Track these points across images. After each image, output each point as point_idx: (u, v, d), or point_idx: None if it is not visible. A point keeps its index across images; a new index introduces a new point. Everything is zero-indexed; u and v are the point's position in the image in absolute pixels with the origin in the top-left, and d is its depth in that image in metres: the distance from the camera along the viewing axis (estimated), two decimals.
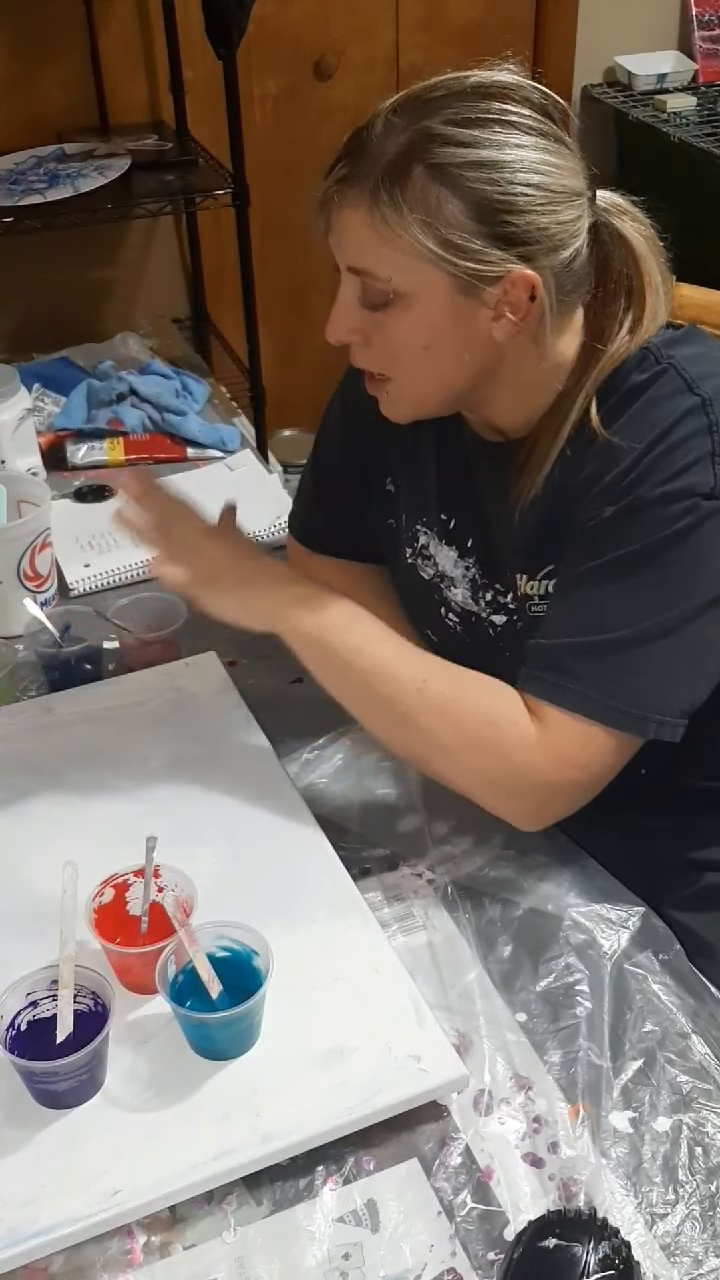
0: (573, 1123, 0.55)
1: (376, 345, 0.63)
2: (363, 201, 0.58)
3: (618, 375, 0.63)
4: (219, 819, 0.71)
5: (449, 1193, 0.53)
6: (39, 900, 0.60)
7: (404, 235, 0.57)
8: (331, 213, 0.60)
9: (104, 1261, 0.51)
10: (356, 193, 0.58)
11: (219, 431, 1.17)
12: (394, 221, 0.57)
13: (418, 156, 0.57)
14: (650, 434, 0.61)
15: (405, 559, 0.77)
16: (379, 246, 0.59)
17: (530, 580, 0.68)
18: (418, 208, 0.57)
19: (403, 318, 0.60)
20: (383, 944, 0.62)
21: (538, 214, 0.58)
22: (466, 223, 0.57)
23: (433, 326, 0.60)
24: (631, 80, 1.78)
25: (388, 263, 0.59)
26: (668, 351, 0.63)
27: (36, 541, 0.88)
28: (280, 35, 1.62)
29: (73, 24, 1.41)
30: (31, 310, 1.45)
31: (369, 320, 0.62)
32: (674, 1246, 0.51)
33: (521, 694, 0.63)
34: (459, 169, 0.57)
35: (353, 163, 0.59)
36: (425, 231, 0.57)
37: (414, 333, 0.61)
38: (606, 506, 0.61)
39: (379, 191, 0.57)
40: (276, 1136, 0.54)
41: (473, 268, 0.58)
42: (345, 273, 0.62)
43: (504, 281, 0.58)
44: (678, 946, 0.63)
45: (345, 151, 0.60)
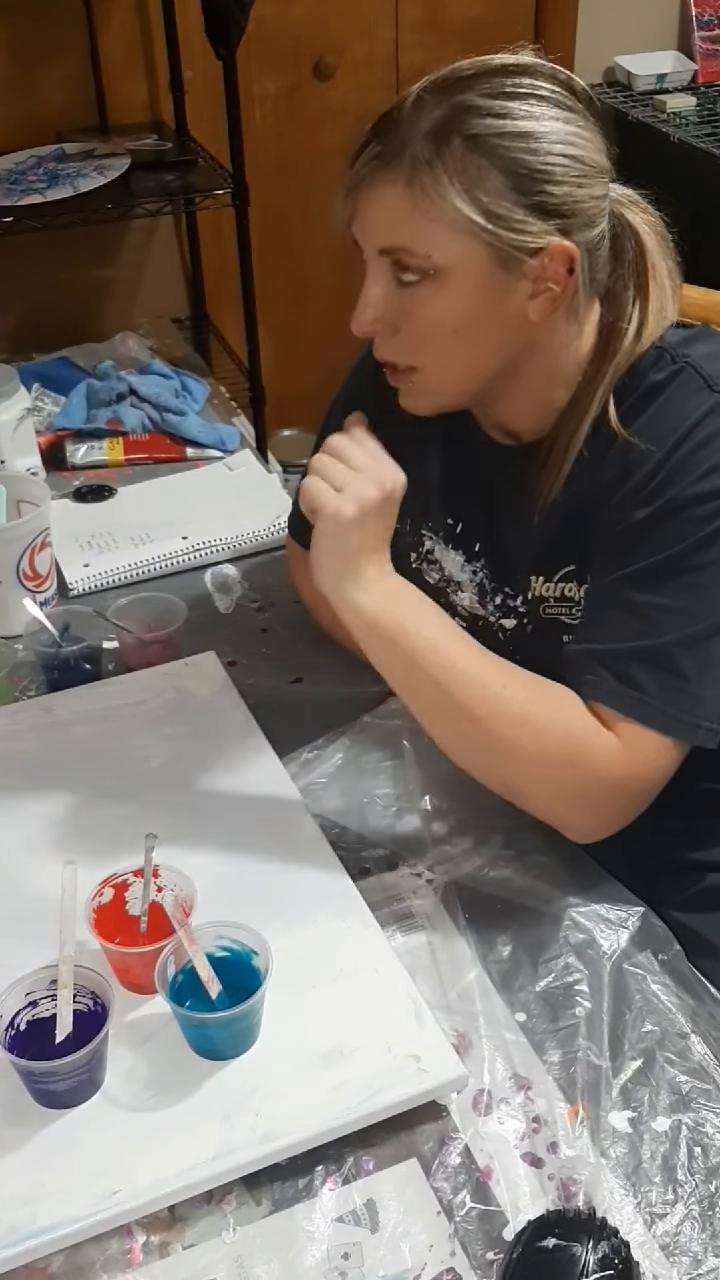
0: (572, 1123, 0.55)
1: (406, 332, 0.62)
2: (400, 176, 0.57)
3: (634, 374, 0.63)
4: (218, 819, 0.70)
5: (448, 1192, 0.53)
6: (38, 900, 0.60)
7: (445, 206, 0.57)
8: (361, 194, 0.59)
9: (103, 1261, 0.51)
10: (392, 168, 0.58)
11: (219, 431, 1.17)
12: (434, 193, 0.57)
13: (455, 128, 0.57)
14: (673, 434, 0.61)
15: (410, 564, 0.77)
16: (418, 220, 0.58)
17: (546, 582, 0.68)
18: (457, 178, 0.57)
19: (438, 296, 0.59)
20: (382, 944, 0.62)
21: (573, 185, 0.58)
22: (507, 192, 0.57)
23: (470, 305, 0.59)
24: (631, 80, 1.78)
25: (427, 237, 0.58)
26: (683, 350, 0.63)
27: (36, 541, 0.88)
28: (280, 35, 1.62)
29: (72, 24, 1.40)
30: (31, 310, 1.45)
31: (398, 307, 0.61)
32: (673, 1246, 0.51)
33: (590, 704, 0.61)
34: (497, 139, 0.57)
35: (385, 141, 0.58)
36: (467, 201, 0.57)
37: (450, 312, 0.60)
38: (636, 510, 0.61)
39: (418, 163, 0.57)
40: (276, 1136, 0.54)
41: (514, 239, 0.57)
42: (375, 258, 0.61)
43: (543, 254, 0.58)
44: (677, 947, 0.63)
45: (374, 133, 0.59)
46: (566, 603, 0.68)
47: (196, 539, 0.99)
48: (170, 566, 0.97)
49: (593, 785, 0.61)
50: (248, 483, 1.11)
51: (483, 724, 0.61)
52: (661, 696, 0.60)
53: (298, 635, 0.88)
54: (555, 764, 0.61)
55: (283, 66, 1.66)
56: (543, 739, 0.61)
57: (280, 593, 0.92)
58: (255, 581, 0.95)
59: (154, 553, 0.98)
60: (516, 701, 0.61)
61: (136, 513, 1.05)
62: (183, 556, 0.98)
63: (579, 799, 0.62)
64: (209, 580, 0.96)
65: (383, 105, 0.60)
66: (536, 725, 0.61)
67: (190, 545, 0.98)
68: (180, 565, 0.98)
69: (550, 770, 0.61)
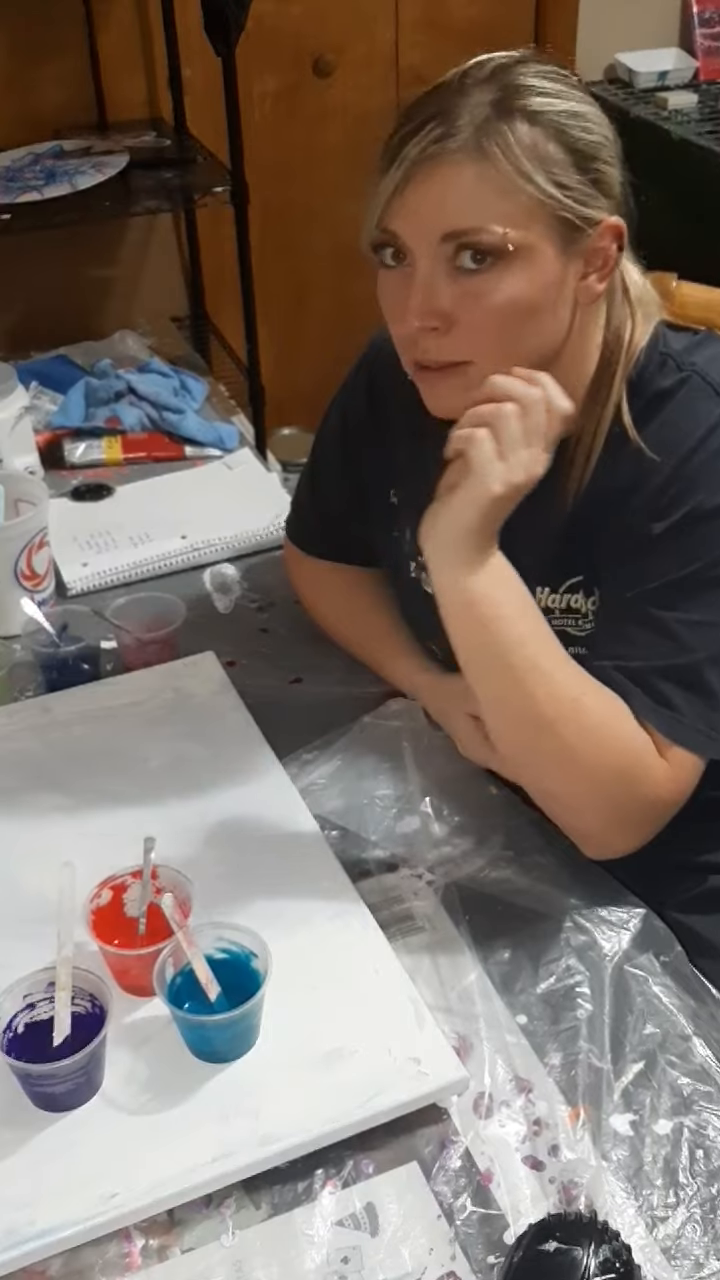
0: (573, 1125, 0.55)
1: (466, 323, 0.59)
2: (469, 154, 0.57)
3: (640, 381, 0.63)
4: (217, 820, 0.70)
5: (449, 1196, 0.53)
6: (36, 901, 0.60)
7: (520, 181, 0.57)
8: (423, 175, 0.57)
9: (102, 1265, 0.51)
10: (461, 147, 0.57)
11: (218, 430, 1.17)
12: (511, 167, 0.56)
13: (515, 105, 0.57)
14: (684, 444, 0.60)
15: (408, 572, 0.76)
16: (493, 197, 0.57)
17: (552, 594, 0.67)
18: (528, 152, 0.57)
19: (507, 278, 0.58)
20: (382, 945, 0.62)
21: (613, 165, 0.60)
22: (570, 168, 0.58)
23: (536, 286, 0.59)
24: (632, 78, 1.77)
25: (503, 214, 0.57)
26: (688, 357, 0.63)
27: (34, 540, 0.88)
28: (279, 33, 1.61)
29: (72, 21, 1.40)
30: (29, 308, 1.45)
31: (456, 298, 0.58)
32: (675, 1249, 0.51)
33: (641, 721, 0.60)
34: (556, 116, 0.58)
35: (445, 121, 0.57)
36: (540, 174, 0.57)
37: (520, 294, 0.58)
38: (653, 521, 0.60)
39: (489, 140, 0.56)
40: (275, 1139, 0.53)
41: (584, 211, 0.58)
42: (434, 246, 0.58)
43: (597, 230, 0.59)
44: (678, 948, 0.63)
45: (429, 114, 0.57)
46: (573, 614, 0.68)
47: (195, 538, 0.98)
48: (169, 566, 0.97)
49: (638, 803, 0.61)
50: (247, 482, 1.10)
51: (552, 728, 0.59)
52: (692, 715, 0.60)
53: (297, 635, 0.87)
54: (610, 779, 0.60)
55: (282, 65, 1.65)
56: (607, 753, 0.60)
57: (280, 593, 0.91)
58: (254, 581, 0.95)
59: (153, 552, 0.98)
60: (590, 712, 0.59)
61: (135, 512, 1.05)
62: (181, 556, 0.97)
63: (625, 816, 0.61)
64: (208, 580, 0.95)
65: (383, 104, 0.60)
66: (603, 738, 0.60)
67: (189, 545, 0.98)
68: (179, 565, 0.97)
69: (604, 785, 0.60)
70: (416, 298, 0.59)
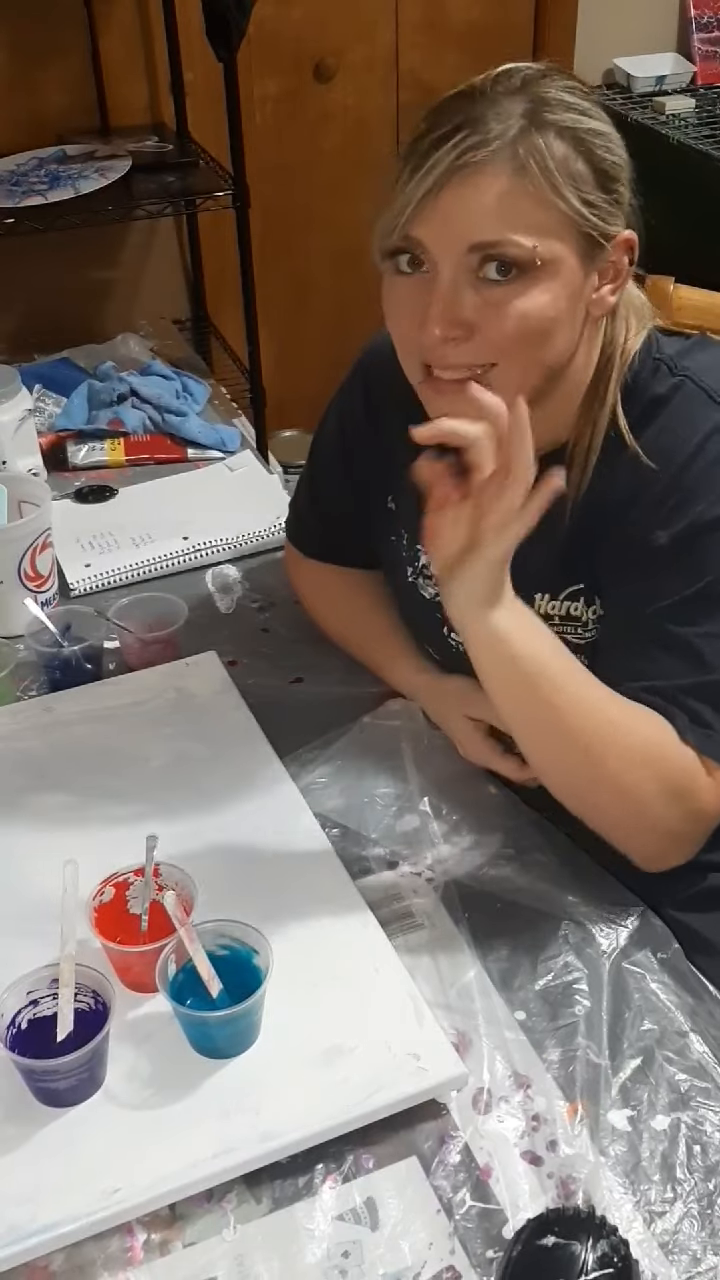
0: (571, 1121, 0.55)
1: (489, 331, 0.58)
2: (504, 165, 0.56)
3: (634, 387, 0.63)
4: (219, 818, 0.71)
5: (448, 1191, 0.53)
6: (40, 899, 0.60)
7: (553, 196, 0.56)
8: (455, 185, 0.56)
9: (104, 1259, 0.51)
10: (495, 157, 0.55)
11: (219, 432, 1.17)
12: (545, 181, 0.56)
13: (547, 119, 0.57)
14: (682, 450, 0.60)
15: (406, 577, 0.77)
16: (527, 210, 0.56)
17: (552, 600, 0.67)
18: (560, 167, 0.57)
19: (533, 291, 0.57)
20: (382, 943, 0.62)
21: (627, 187, 0.60)
22: (595, 186, 0.58)
23: (560, 299, 0.59)
24: (630, 82, 1.78)
25: (534, 227, 0.56)
26: (681, 363, 0.63)
27: (37, 542, 0.89)
28: (280, 37, 1.62)
29: (73, 25, 1.41)
30: (32, 311, 1.45)
31: (479, 309, 0.58)
32: (672, 1244, 0.51)
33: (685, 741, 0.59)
34: (582, 134, 0.58)
35: (477, 128, 0.55)
36: (573, 191, 0.57)
37: (545, 307, 0.58)
38: (656, 530, 0.61)
39: (526, 151, 0.56)
40: (276, 1134, 0.54)
41: (605, 228, 0.59)
42: (459, 256, 0.57)
43: (612, 244, 0.59)
44: (676, 945, 0.63)
45: (460, 120, 0.56)
46: (572, 622, 0.68)
47: (197, 539, 0.99)
48: (171, 567, 0.97)
49: (690, 821, 0.61)
50: (248, 483, 1.11)
51: (601, 761, 0.59)
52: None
53: (298, 635, 0.88)
54: (661, 803, 0.60)
55: (283, 68, 1.66)
56: (656, 779, 0.60)
57: (281, 593, 0.92)
58: (256, 582, 0.95)
59: (155, 553, 0.98)
60: (636, 740, 0.59)
61: (137, 513, 1.05)
62: (183, 557, 0.98)
63: (675, 833, 0.62)
64: (210, 580, 0.96)
65: (383, 107, 0.60)
66: (651, 764, 0.59)
67: (191, 545, 0.99)
68: (181, 565, 0.98)
69: (656, 808, 0.60)
70: (439, 306, 0.58)
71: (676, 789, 0.60)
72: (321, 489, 0.84)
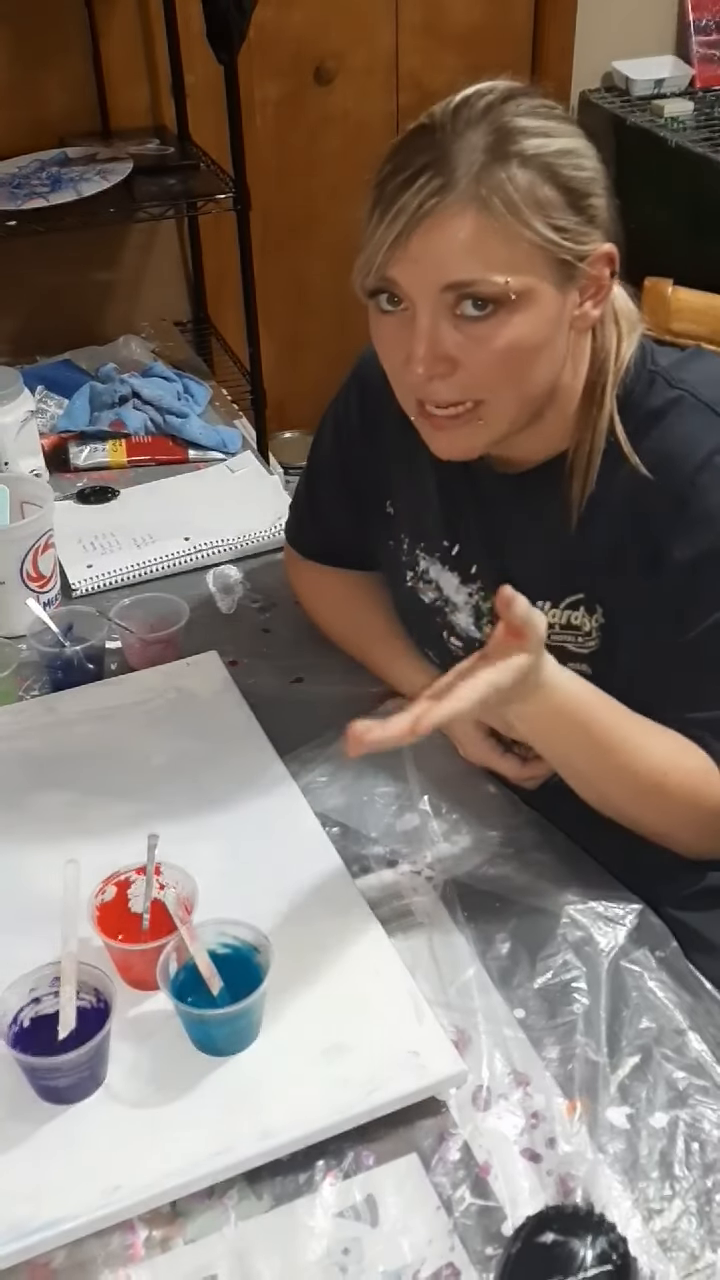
0: (570, 1118, 0.55)
1: (472, 366, 0.58)
2: (468, 204, 0.55)
3: (629, 400, 0.63)
4: (220, 817, 0.71)
5: (448, 1188, 0.53)
6: (42, 898, 0.61)
7: (521, 229, 0.56)
8: (423, 230, 0.56)
9: (105, 1256, 0.51)
10: (459, 197, 0.55)
11: (220, 433, 1.18)
12: (511, 216, 0.56)
13: (508, 150, 0.56)
14: (688, 465, 0.61)
15: (405, 582, 0.77)
16: (494, 246, 0.56)
17: (553, 608, 0.68)
18: (526, 198, 0.56)
19: (512, 323, 0.58)
20: (382, 941, 0.63)
21: (604, 197, 0.60)
22: (565, 208, 0.58)
23: (541, 325, 0.59)
24: (629, 85, 1.78)
25: (504, 263, 0.56)
26: (678, 375, 0.63)
27: (39, 542, 0.89)
28: (281, 40, 1.63)
29: (75, 28, 1.41)
30: (35, 313, 1.46)
31: (460, 344, 0.58)
32: (670, 1241, 0.51)
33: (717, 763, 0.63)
34: (548, 157, 0.57)
35: (440, 169, 0.55)
36: (541, 221, 0.57)
37: (526, 337, 0.58)
38: (673, 548, 0.61)
39: (488, 188, 0.56)
40: (277, 1132, 0.54)
41: (576, 249, 0.58)
42: (434, 296, 0.57)
43: (590, 261, 0.59)
44: (674, 944, 0.63)
45: (424, 161, 0.56)
46: (573, 630, 0.68)
47: (198, 540, 0.99)
48: (172, 567, 0.98)
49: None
50: (249, 484, 1.11)
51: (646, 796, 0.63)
52: None
53: (299, 635, 0.88)
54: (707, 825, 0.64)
55: (284, 71, 1.67)
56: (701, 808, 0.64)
57: (281, 593, 0.92)
58: (257, 582, 0.95)
59: (156, 554, 0.99)
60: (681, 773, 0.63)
61: (139, 514, 1.05)
62: (185, 557, 0.98)
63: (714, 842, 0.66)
64: (211, 581, 0.96)
65: (383, 110, 0.60)
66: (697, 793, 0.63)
67: (192, 546, 0.99)
68: (182, 566, 0.98)
69: (703, 830, 0.65)
70: (421, 346, 0.58)
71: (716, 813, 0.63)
72: (319, 493, 0.84)
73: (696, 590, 0.62)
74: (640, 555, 0.63)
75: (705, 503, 0.61)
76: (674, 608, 0.62)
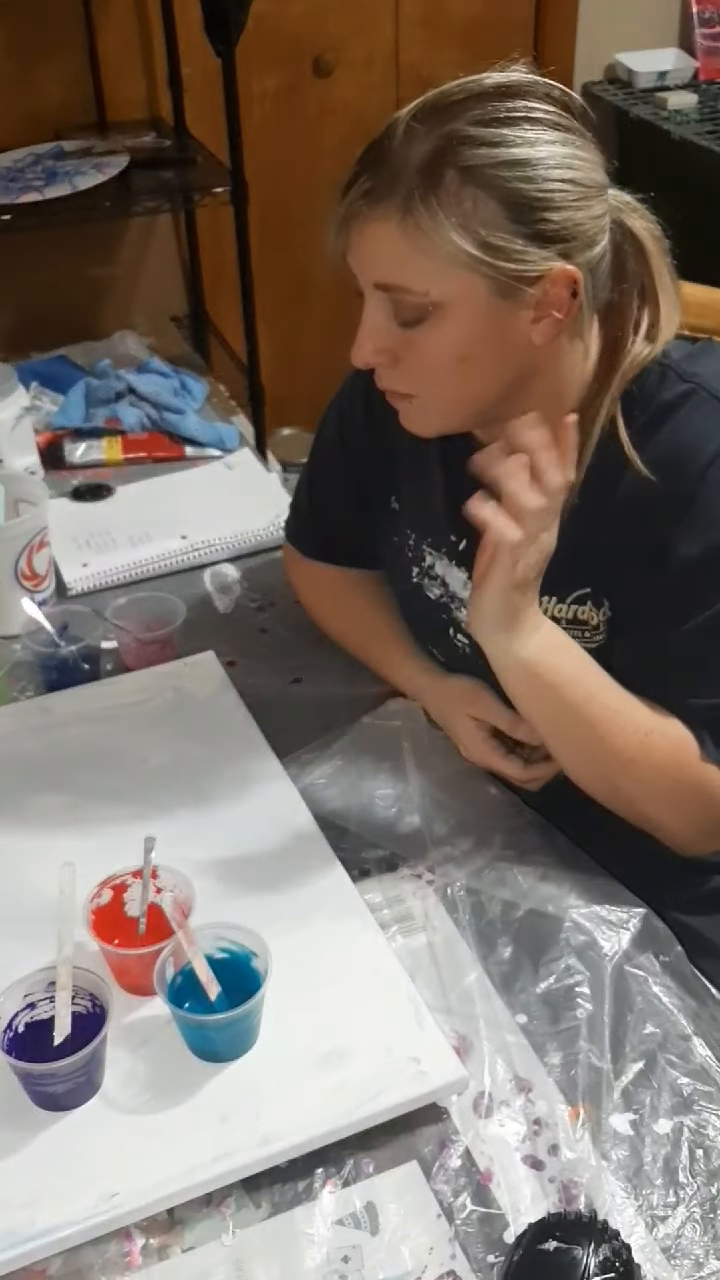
0: (573, 1125, 0.55)
1: (408, 363, 0.61)
2: (393, 212, 0.56)
3: (641, 392, 0.62)
4: (217, 820, 0.70)
5: (449, 1195, 0.53)
6: (37, 901, 0.60)
7: (441, 241, 0.56)
8: (354, 230, 0.58)
9: (102, 1264, 0.51)
10: (386, 204, 0.56)
11: (218, 430, 1.17)
12: (429, 228, 0.56)
13: (448, 160, 0.56)
14: (698, 460, 0.60)
15: (411, 578, 0.76)
16: (414, 256, 0.57)
17: (559, 604, 0.67)
18: (453, 212, 0.55)
19: (439, 330, 0.59)
20: (382, 945, 0.62)
21: (573, 209, 0.57)
22: (504, 223, 0.56)
23: (471, 336, 0.59)
24: (632, 77, 1.77)
25: (424, 273, 0.57)
26: (690, 368, 0.62)
27: (34, 540, 0.88)
28: (279, 32, 1.61)
29: (71, 21, 1.40)
30: (29, 308, 1.45)
31: (399, 339, 0.60)
32: (675, 1249, 0.51)
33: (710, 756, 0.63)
34: (493, 169, 0.55)
35: (376, 175, 0.57)
36: (463, 235, 0.56)
37: (451, 344, 0.59)
38: (678, 541, 0.61)
39: (412, 199, 0.56)
40: (275, 1139, 0.53)
41: (513, 268, 0.57)
42: (371, 291, 0.60)
43: (544, 280, 0.57)
44: (678, 948, 0.63)
45: (364, 165, 0.58)
46: (580, 625, 0.68)
47: (195, 538, 0.99)
48: (169, 566, 0.97)
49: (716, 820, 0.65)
50: (247, 482, 1.10)
51: (626, 770, 0.63)
52: None
53: (297, 635, 0.87)
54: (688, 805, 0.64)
55: (282, 63, 1.65)
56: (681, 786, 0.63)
57: (280, 593, 0.92)
58: (254, 581, 0.95)
59: (153, 552, 0.98)
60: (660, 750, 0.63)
61: (135, 512, 1.05)
62: (181, 556, 0.98)
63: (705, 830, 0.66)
64: (208, 580, 0.95)
65: (383, 102, 0.59)
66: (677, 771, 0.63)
67: (189, 545, 0.98)
68: (179, 565, 0.97)
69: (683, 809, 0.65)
70: (361, 333, 0.61)
71: (701, 796, 0.63)
72: (321, 489, 0.83)
73: (701, 584, 0.61)
74: (648, 549, 0.62)
75: (713, 498, 0.60)
76: (678, 601, 0.62)
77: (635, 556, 0.63)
